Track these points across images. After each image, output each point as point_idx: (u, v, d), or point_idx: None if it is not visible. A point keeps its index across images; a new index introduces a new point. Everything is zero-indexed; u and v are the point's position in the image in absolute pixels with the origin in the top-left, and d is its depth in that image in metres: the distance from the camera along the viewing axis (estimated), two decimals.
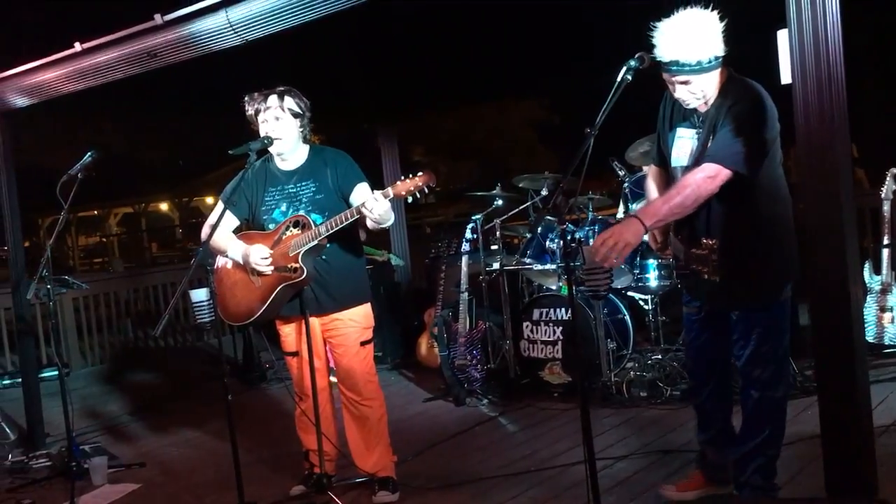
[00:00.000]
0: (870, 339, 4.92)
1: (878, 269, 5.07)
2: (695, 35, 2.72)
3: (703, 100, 2.87)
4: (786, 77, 2.96)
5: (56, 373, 5.32)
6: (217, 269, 3.71)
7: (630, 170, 5.49)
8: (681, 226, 2.99)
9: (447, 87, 6.32)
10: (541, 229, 5.34)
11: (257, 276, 3.54)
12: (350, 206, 3.45)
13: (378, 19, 4.27)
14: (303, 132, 3.63)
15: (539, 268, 5.40)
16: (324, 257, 3.56)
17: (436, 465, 4.17)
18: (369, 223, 3.39)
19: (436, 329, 5.59)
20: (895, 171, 5.05)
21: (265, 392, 6.39)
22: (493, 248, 5.66)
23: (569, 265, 2.80)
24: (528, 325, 5.33)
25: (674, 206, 2.75)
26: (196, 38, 4.13)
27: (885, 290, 5.00)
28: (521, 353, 5.38)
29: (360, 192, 3.53)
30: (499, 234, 5.56)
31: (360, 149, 4.45)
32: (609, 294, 5.14)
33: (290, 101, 3.56)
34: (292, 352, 3.77)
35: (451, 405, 5.30)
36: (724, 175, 2.72)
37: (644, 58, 2.74)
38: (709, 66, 2.76)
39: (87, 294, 7.43)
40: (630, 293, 5.48)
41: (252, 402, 5.99)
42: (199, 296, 4.57)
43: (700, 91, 2.83)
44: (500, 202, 5.60)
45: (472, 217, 5.60)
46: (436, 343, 5.65)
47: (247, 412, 5.49)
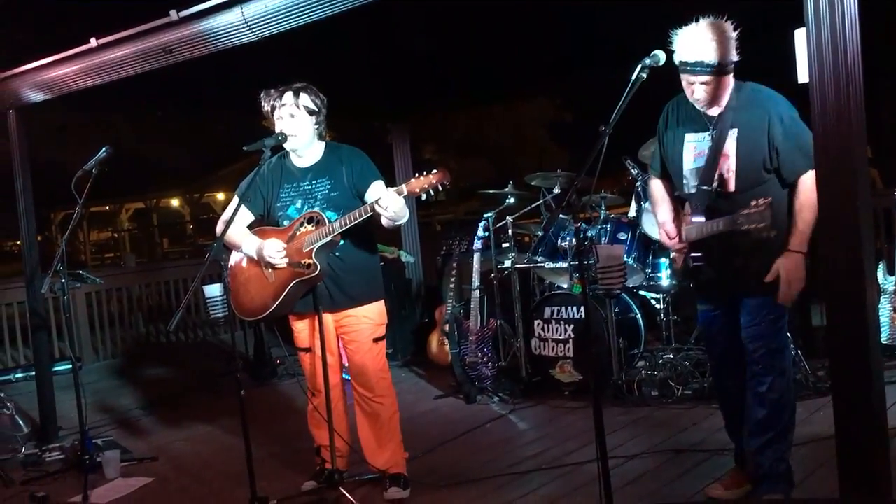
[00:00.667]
0: (884, 340, 4.89)
1: (891, 270, 5.04)
2: (718, 39, 2.93)
3: (717, 101, 3.06)
4: (803, 76, 3.00)
5: (69, 366, 5.35)
6: (231, 265, 3.72)
7: (643, 168, 5.47)
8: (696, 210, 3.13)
9: (459, 85, 6.32)
10: (552, 227, 5.34)
11: (271, 271, 3.55)
12: (365, 203, 3.45)
13: (391, 17, 4.27)
14: (318, 129, 3.63)
15: (551, 266, 5.40)
16: (337, 254, 3.57)
17: (447, 462, 4.18)
18: (384, 220, 3.39)
19: (447, 326, 5.60)
20: None
21: (276, 388, 6.41)
22: (505, 245, 5.66)
23: (582, 263, 2.82)
24: (539, 323, 5.33)
25: (811, 222, 2.94)
26: (211, 34, 4.14)
27: None
28: (531, 351, 5.38)
29: (376, 190, 3.53)
30: (510, 231, 5.56)
31: (371, 146, 4.46)
32: (621, 293, 5.14)
33: (305, 98, 3.57)
34: (305, 348, 3.78)
35: (461, 402, 5.31)
36: (813, 175, 2.82)
37: (658, 56, 2.83)
38: (728, 68, 3.00)
39: (100, 289, 7.49)
40: (642, 292, 5.48)
41: (263, 398, 6.01)
42: (213, 291, 4.61)
43: (717, 92, 3.02)
44: (511, 200, 5.61)
45: (484, 214, 5.60)
46: (447, 340, 5.66)
47: (258, 408, 5.50)
